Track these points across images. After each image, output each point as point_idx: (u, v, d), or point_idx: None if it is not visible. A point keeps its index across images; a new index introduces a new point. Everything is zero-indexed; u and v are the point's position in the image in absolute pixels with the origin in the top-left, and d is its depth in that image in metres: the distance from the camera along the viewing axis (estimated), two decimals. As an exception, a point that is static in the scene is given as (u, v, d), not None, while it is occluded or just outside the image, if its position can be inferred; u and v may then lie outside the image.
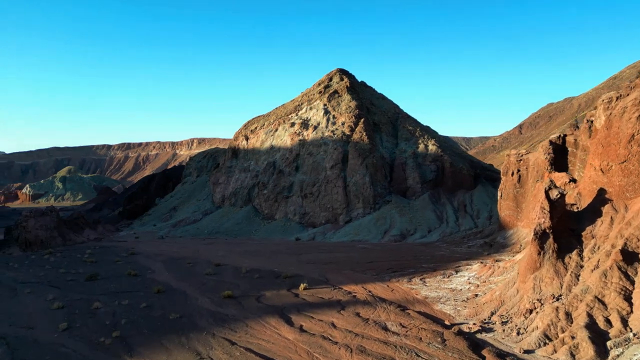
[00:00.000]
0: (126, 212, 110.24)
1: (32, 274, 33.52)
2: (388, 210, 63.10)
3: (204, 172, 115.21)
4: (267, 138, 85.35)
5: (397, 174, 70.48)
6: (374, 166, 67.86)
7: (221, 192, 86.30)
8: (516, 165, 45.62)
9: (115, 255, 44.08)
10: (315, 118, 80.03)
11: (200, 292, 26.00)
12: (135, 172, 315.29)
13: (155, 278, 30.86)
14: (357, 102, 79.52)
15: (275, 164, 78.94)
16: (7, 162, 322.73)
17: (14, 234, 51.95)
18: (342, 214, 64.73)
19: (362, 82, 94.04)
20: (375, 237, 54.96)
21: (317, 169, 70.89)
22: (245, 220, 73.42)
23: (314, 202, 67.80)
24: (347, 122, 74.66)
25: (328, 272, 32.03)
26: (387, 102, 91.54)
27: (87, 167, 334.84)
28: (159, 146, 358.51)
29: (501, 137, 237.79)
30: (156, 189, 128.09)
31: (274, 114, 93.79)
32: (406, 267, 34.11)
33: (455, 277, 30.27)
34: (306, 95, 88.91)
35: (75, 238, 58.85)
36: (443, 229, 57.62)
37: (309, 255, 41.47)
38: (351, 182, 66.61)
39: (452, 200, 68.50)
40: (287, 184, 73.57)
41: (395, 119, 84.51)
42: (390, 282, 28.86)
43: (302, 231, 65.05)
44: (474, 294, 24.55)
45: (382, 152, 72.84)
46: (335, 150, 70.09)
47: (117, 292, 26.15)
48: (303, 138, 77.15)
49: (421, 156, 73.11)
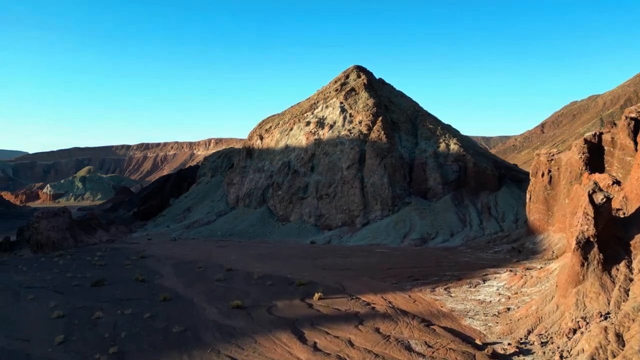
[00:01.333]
0: (140, 212, 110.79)
1: (38, 278, 32.98)
2: (407, 212, 61.07)
3: (218, 172, 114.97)
4: (282, 137, 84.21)
5: (416, 175, 68.31)
6: (393, 166, 65.89)
7: (235, 193, 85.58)
8: (547, 165, 43.15)
9: (125, 258, 43.46)
10: (332, 116, 78.47)
11: (208, 300, 24.77)
12: (153, 172, 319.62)
13: (163, 284, 29.85)
14: (375, 100, 77.62)
15: (290, 164, 77.71)
16: (29, 162, 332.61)
17: (25, 235, 52.01)
18: (359, 216, 62.98)
19: (380, 79, 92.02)
20: (394, 241, 53.08)
21: (333, 169, 69.32)
22: (259, 221, 72.38)
23: (330, 204, 66.25)
24: (365, 121, 72.86)
25: (344, 279, 30.46)
26: (406, 99, 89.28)
27: (106, 167, 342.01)
28: (177, 146, 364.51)
29: (522, 136, 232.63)
30: (171, 189, 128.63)
31: (289, 112, 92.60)
32: (428, 274, 32.27)
33: (483, 287, 28.30)
34: (322, 93, 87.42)
35: (87, 239, 58.75)
36: (466, 233, 55.31)
37: (324, 260, 39.97)
38: (369, 182, 64.81)
39: (476, 202, 66.00)
40: (302, 184, 72.23)
41: (414, 117, 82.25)
42: (411, 291, 27.12)
43: (317, 234, 63.57)
44: (505, 308, 22.61)
45: (401, 151, 70.78)
46: (352, 150, 68.40)
47: (122, 300, 25.15)
48: (319, 137, 75.70)
49: (442, 156, 70.76)
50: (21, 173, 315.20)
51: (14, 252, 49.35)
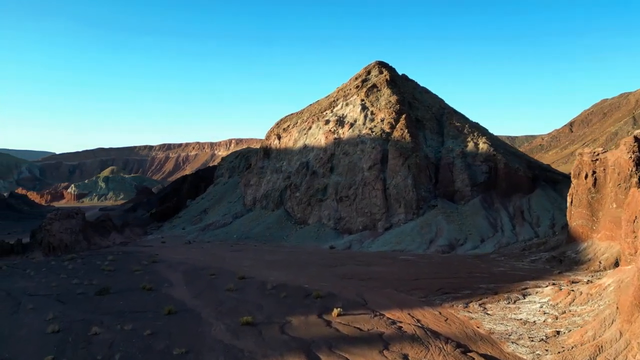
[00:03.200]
0: (157, 213, 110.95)
1: (43, 285, 31.97)
2: (433, 216, 58.24)
3: (236, 172, 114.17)
4: (300, 137, 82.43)
5: (443, 176, 65.32)
6: (417, 167, 63.13)
7: (252, 194, 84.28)
8: (591, 166, 39.81)
9: (136, 263, 42.35)
10: (352, 115, 76.19)
11: (217, 314, 22.97)
12: (175, 172, 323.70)
13: (171, 294, 28.28)
14: (398, 97, 74.95)
15: (308, 164, 75.83)
16: (55, 162, 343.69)
17: (38, 237, 51.72)
18: (382, 220, 60.49)
19: (403, 75, 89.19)
20: (420, 247, 50.44)
21: (354, 169, 67.04)
22: (276, 224, 70.74)
23: (350, 206, 63.98)
24: (387, 119, 70.29)
25: (366, 291, 28.24)
26: (431, 96, 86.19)
27: (130, 167, 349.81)
28: (198, 147, 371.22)
29: (549, 135, 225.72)
30: (188, 190, 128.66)
31: (307, 111, 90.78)
32: (460, 287, 29.71)
33: (523, 303, 25.60)
34: (342, 91, 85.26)
35: (100, 242, 58.26)
36: (498, 239, 52.20)
37: (344, 268, 37.82)
38: (391, 184, 62.25)
39: (507, 205, 62.60)
40: (320, 186, 70.21)
41: (440, 115, 79.13)
42: (442, 307, 24.69)
43: (336, 238, 61.41)
44: (554, 331, 19.94)
45: (426, 151, 67.91)
46: (373, 150, 65.97)
47: (124, 312, 23.63)
48: (338, 136, 73.54)
49: (471, 155, 67.53)
50: (47, 173, 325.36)
51: (26, 254, 49.05)
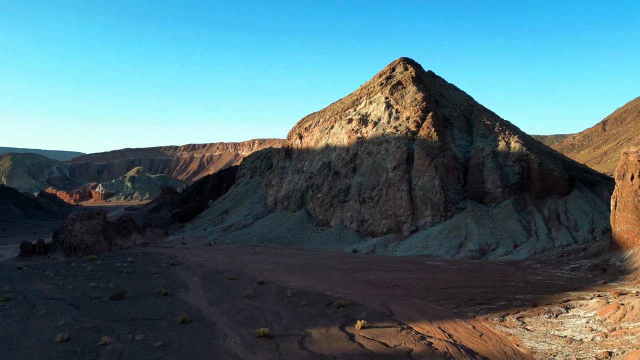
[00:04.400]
0: (179, 214, 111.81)
1: (60, 287, 31.74)
2: (462, 219, 55.83)
3: (257, 173, 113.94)
4: (322, 136, 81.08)
5: (472, 177, 62.71)
6: (445, 167, 60.79)
7: (274, 195, 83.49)
8: (637, 166, 36.94)
9: (154, 265, 42.00)
10: (376, 113, 74.32)
11: (232, 324, 21.86)
12: (199, 172, 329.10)
13: (186, 299, 27.41)
14: (424, 94, 72.62)
15: (330, 164, 74.41)
16: (84, 162, 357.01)
17: (59, 237, 52.20)
18: (407, 223, 58.44)
19: (430, 71, 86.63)
20: (448, 252, 48.24)
21: (378, 170, 65.19)
22: (297, 226, 69.61)
23: (374, 208, 62.16)
24: (413, 117, 68.12)
25: (392, 301, 26.63)
26: (459, 93, 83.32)
27: (155, 167, 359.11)
28: (222, 147, 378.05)
29: (581, 134, 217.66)
30: (210, 190, 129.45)
31: (329, 109, 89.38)
32: (494, 297, 27.71)
33: (566, 318, 23.47)
34: (365, 88, 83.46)
35: (121, 243, 58.48)
36: (532, 244, 49.42)
37: (368, 274, 36.24)
38: (417, 185, 60.12)
39: (542, 208, 59.49)
40: (343, 186, 68.67)
41: (469, 113, 76.31)
42: (475, 320, 22.87)
43: (360, 241, 59.73)
44: (605, 352, 17.89)
45: (454, 150, 65.39)
46: (398, 149, 63.96)
47: (137, 320, 22.82)
48: (361, 135, 71.83)
49: (502, 155, 64.64)
50: (77, 173, 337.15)
51: (48, 255, 49.53)
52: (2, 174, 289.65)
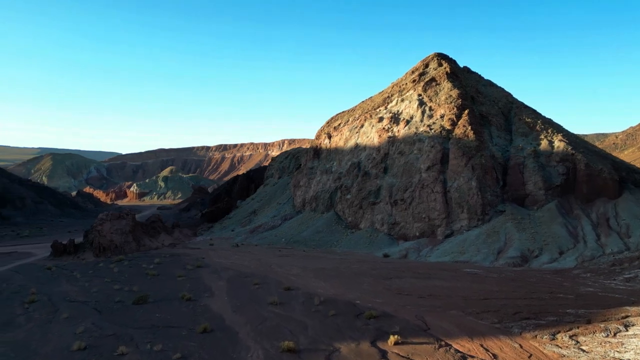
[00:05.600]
0: (208, 214, 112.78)
1: (85, 290, 31.64)
2: (502, 222, 52.88)
3: (285, 173, 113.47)
4: (352, 135, 79.39)
5: (512, 178, 59.46)
6: (482, 167, 57.87)
7: (302, 196, 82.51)
8: None
9: (180, 267, 41.67)
10: (408, 111, 71.97)
11: (255, 335, 20.69)
12: (230, 172, 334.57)
13: (210, 306, 26.53)
14: (460, 91, 69.70)
15: (360, 164, 72.63)
16: (120, 162, 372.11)
17: (89, 237, 52.94)
18: (441, 226, 55.96)
19: (465, 67, 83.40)
20: (486, 258, 45.60)
21: (410, 170, 62.92)
22: (326, 228, 68.24)
23: (406, 211, 59.95)
24: (448, 115, 65.42)
25: (427, 313, 24.79)
26: (497, 89, 79.72)
27: (188, 167, 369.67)
28: (253, 147, 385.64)
29: (624, 133, 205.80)
30: (239, 190, 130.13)
31: (359, 108, 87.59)
32: (542, 311, 25.37)
33: (627, 337, 20.96)
34: (397, 86, 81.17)
35: (150, 243, 58.87)
36: (580, 251, 46.07)
37: (400, 282, 34.41)
38: (453, 186, 57.51)
39: (589, 211, 55.64)
40: (373, 188, 66.75)
41: (508, 110, 72.74)
42: (522, 338, 20.77)
43: (391, 245, 57.70)
44: (682, 383, 15.49)
45: (492, 150, 62.28)
46: (432, 149, 61.48)
47: (158, 327, 22.05)
48: (393, 134, 69.68)
49: (544, 155, 61.03)
50: (113, 172, 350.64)
51: (77, 255, 50.24)
52: (43, 174, 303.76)
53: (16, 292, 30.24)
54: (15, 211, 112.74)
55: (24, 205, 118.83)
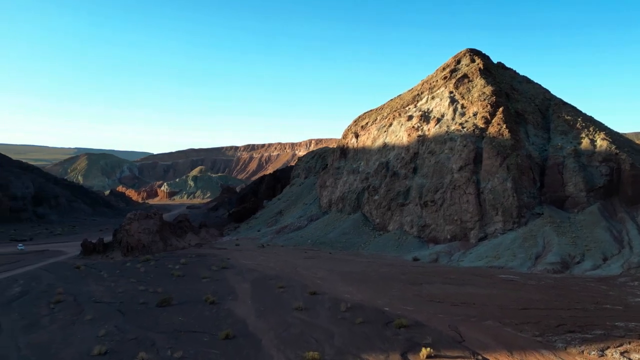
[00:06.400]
0: (234, 214, 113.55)
1: (111, 290, 31.76)
2: (539, 226, 50.31)
3: (312, 173, 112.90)
4: (380, 135, 77.85)
5: (550, 178, 56.59)
6: (518, 167, 55.33)
7: (328, 196, 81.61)
8: None
9: (206, 268, 41.53)
10: (439, 109, 69.86)
11: (279, 343, 19.90)
12: (258, 172, 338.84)
13: (233, 310, 25.96)
14: (494, 87, 67.07)
15: (388, 164, 71.05)
16: (152, 162, 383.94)
17: (118, 237, 53.76)
18: (474, 229, 53.81)
19: (499, 63, 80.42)
20: (523, 263, 43.35)
21: (441, 170, 60.93)
22: (353, 229, 67.05)
23: (437, 213, 58.04)
24: (481, 112, 63.02)
25: (462, 323, 23.36)
26: (534, 86, 76.43)
27: (217, 167, 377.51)
28: (280, 147, 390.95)
29: None
30: (266, 190, 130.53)
31: (388, 106, 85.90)
32: (588, 323, 23.49)
33: (689, 358, 18.94)
34: (427, 83, 79.07)
35: (176, 243, 59.34)
36: (626, 257, 43.15)
37: (431, 288, 32.94)
38: (486, 187, 55.24)
39: (635, 215, 52.28)
40: (402, 188, 65.08)
41: (545, 107, 69.52)
42: (567, 353, 19.15)
43: (421, 248, 55.96)
44: None
45: (528, 149, 59.53)
46: (464, 148, 59.31)
47: (180, 332, 21.60)
48: (423, 133, 67.77)
49: (586, 155, 57.84)
50: (145, 172, 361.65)
51: (106, 254, 51.06)
52: (79, 173, 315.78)
53: (44, 292, 30.66)
54: (50, 210, 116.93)
55: (59, 204, 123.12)
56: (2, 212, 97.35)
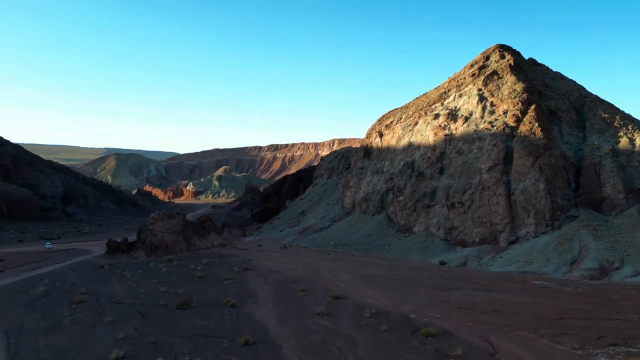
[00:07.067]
0: (257, 214, 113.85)
1: (132, 291, 31.78)
2: (575, 229, 47.92)
3: (335, 173, 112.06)
4: (405, 134, 76.27)
5: (586, 179, 53.93)
6: (552, 168, 52.94)
7: (351, 197, 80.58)
8: None
9: (227, 269, 41.30)
10: (467, 107, 67.82)
11: (300, 351, 19.21)
12: (281, 172, 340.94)
13: (254, 314, 25.41)
14: (525, 84, 64.57)
15: (413, 164, 69.46)
16: (177, 162, 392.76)
17: (142, 236, 54.29)
18: (504, 232, 51.78)
19: (531, 59, 77.57)
20: (558, 269, 41.26)
21: (469, 171, 59.02)
22: (377, 231, 65.82)
23: (465, 215, 56.20)
24: (511, 110, 60.74)
25: (494, 333, 22.12)
26: (567, 82, 73.30)
27: (241, 167, 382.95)
28: (303, 147, 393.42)
29: None
30: (288, 190, 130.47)
31: (413, 105, 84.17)
32: (632, 336, 21.92)
33: None
34: (454, 80, 76.98)
35: (199, 243, 59.56)
36: (671, 264, 40.45)
37: (460, 294, 31.59)
38: (517, 189, 53.09)
39: (680, 218, 49.12)
40: (428, 189, 63.42)
41: (580, 105, 66.48)
42: (613, 371, 17.66)
43: (448, 251, 54.29)
44: None
45: (562, 148, 56.96)
46: (494, 147, 57.24)
47: (199, 336, 21.19)
48: (450, 132, 65.91)
49: (624, 154, 54.86)
50: (171, 172, 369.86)
51: (130, 253, 51.61)
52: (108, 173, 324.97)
53: (67, 291, 30.93)
54: (79, 208, 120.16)
55: (87, 203, 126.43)
56: (32, 211, 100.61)
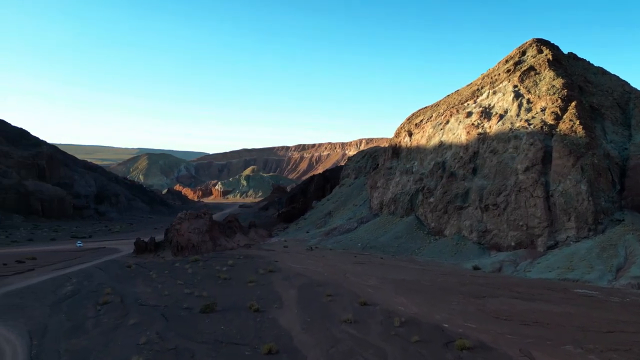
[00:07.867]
0: (283, 214, 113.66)
1: (157, 293, 31.65)
2: (620, 234, 44.95)
3: (362, 173, 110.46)
4: (435, 133, 74.08)
5: (632, 181, 50.63)
6: (594, 168, 49.95)
7: (379, 198, 78.98)
8: None
9: (252, 271, 40.79)
10: (501, 104, 65.12)
11: (326, 363, 18.16)
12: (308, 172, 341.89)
13: (278, 320, 24.63)
14: (565, 80, 61.39)
15: (444, 164, 67.27)
16: (207, 162, 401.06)
17: (169, 236, 54.66)
18: (543, 236, 49.18)
19: (571, 53, 73.93)
20: (602, 276, 38.66)
21: (504, 171, 56.52)
22: (406, 233, 64.08)
23: (499, 217, 53.80)
24: (550, 107, 57.81)
25: (535, 347, 20.54)
26: (610, 77, 69.41)
27: (269, 166, 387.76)
28: (330, 147, 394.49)
29: None
30: (315, 190, 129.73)
31: (444, 102, 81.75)
32: (694, 357, 19.72)
33: None
34: (488, 77, 74.22)
35: (225, 244, 59.55)
36: None
37: (496, 302, 29.83)
38: (557, 190, 50.34)
39: None
40: (460, 190, 61.19)
41: (624, 101, 62.73)
42: (674, 396, 15.83)
43: (481, 255, 52.09)
44: None
45: (606, 148, 53.73)
46: (531, 147, 54.56)
47: (221, 343, 20.58)
48: (483, 131, 63.41)
49: (676, 153, 51.19)
50: (201, 172, 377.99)
51: (157, 253, 52.02)
52: (140, 172, 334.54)
53: (93, 292, 31.09)
54: (111, 207, 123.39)
55: (118, 202, 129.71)
56: (66, 210, 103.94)
